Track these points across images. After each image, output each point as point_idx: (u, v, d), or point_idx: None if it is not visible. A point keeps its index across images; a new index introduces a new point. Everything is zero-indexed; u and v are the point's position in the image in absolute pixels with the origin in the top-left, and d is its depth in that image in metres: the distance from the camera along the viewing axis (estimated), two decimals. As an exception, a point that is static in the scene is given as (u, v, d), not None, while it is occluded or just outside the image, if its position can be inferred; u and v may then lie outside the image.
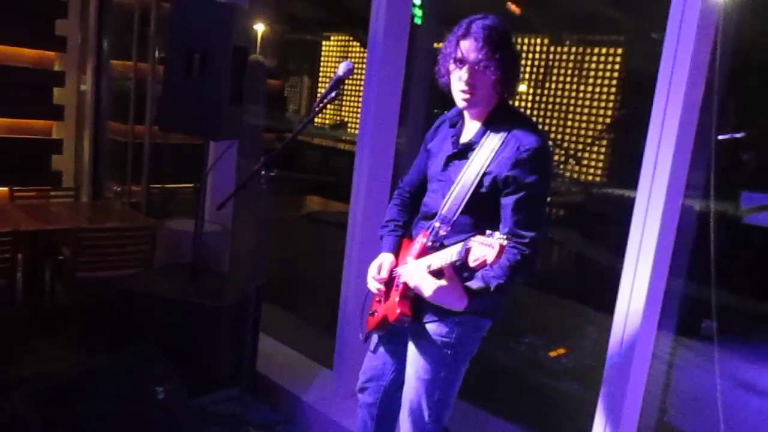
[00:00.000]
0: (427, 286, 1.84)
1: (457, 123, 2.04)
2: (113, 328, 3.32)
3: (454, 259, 1.72)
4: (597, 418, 2.33)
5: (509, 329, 3.66)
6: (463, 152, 1.96)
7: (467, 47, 1.86)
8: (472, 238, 1.61)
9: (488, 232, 1.59)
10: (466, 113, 2.01)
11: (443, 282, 1.82)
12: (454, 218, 1.92)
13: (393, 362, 2.21)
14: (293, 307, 4.55)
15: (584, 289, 3.83)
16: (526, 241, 1.82)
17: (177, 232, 3.99)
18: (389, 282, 2.09)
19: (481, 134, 1.94)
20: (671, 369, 3.04)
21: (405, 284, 1.98)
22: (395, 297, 2.01)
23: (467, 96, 1.90)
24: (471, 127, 1.99)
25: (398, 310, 1.97)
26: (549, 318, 3.99)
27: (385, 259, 2.12)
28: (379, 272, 2.11)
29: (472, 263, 1.60)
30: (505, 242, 1.55)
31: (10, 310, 3.61)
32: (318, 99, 2.42)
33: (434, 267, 1.83)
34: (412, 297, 1.98)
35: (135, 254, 3.88)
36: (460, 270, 1.81)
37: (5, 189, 4.51)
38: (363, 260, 3.00)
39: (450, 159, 2.00)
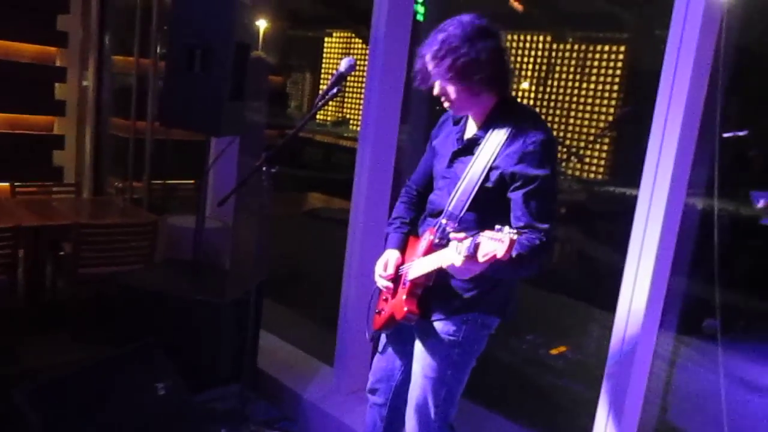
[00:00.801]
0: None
1: (461, 120, 2.02)
2: (114, 324, 3.32)
3: (463, 255, 1.66)
4: (598, 416, 2.32)
5: (511, 327, 3.65)
6: (469, 148, 1.94)
7: (428, 60, 1.85)
8: (480, 234, 1.56)
9: (497, 227, 1.53)
10: (467, 111, 2.00)
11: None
12: (461, 215, 1.90)
13: (402, 362, 2.20)
14: (294, 303, 4.55)
15: (586, 288, 3.83)
16: (542, 232, 1.79)
17: (178, 228, 3.98)
18: (396, 280, 2.07)
19: (485, 129, 1.91)
20: (673, 367, 3.03)
21: (412, 282, 1.96)
22: (402, 295, 1.99)
23: (448, 105, 1.90)
24: (474, 123, 1.97)
25: (406, 308, 1.95)
26: (550, 316, 3.99)
27: (391, 255, 2.10)
28: (385, 269, 2.09)
29: (481, 259, 1.55)
30: (515, 236, 1.50)
31: (12, 306, 3.61)
32: (320, 95, 2.41)
33: (445, 265, 1.77)
34: (419, 295, 1.97)
35: (136, 250, 3.88)
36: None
37: (6, 184, 4.50)
38: (364, 257, 3.00)
39: (455, 155, 1.98)
